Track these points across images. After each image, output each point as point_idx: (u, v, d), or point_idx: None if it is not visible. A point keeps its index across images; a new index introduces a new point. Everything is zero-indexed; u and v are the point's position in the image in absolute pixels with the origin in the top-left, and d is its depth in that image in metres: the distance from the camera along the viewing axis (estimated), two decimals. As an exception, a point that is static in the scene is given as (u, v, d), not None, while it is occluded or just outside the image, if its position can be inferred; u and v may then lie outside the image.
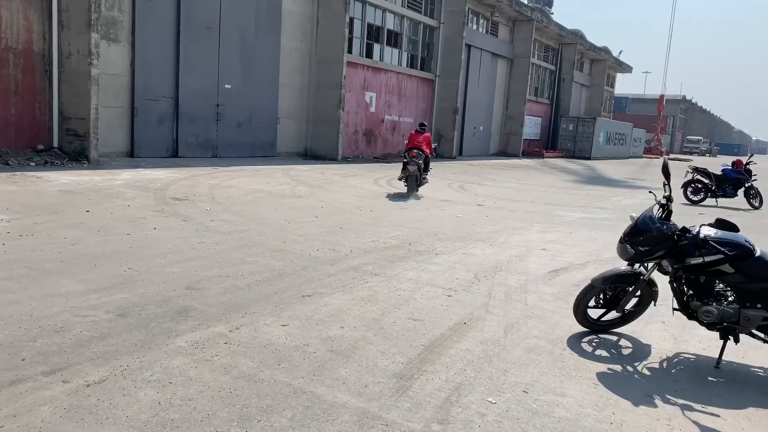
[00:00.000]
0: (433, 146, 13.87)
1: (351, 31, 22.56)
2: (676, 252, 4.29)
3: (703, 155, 75.59)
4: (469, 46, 30.20)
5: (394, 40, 25.78)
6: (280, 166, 17.44)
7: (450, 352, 4.17)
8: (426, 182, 13.46)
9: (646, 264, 4.53)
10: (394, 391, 3.51)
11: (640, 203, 13.92)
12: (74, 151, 13.67)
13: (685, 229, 4.30)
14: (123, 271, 5.53)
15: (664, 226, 4.34)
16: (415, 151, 12.98)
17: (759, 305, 4.14)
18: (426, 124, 14.39)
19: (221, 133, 18.47)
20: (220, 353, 3.87)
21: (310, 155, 21.77)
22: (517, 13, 33.99)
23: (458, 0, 27.80)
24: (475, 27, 31.62)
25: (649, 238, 4.36)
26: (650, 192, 5.05)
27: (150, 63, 15.89)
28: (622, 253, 4.57)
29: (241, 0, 18.42)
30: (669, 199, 4.50)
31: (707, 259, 4.14)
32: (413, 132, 13.76)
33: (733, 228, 4.24)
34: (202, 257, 6.29)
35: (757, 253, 4.14)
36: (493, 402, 3.45)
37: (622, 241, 4.56)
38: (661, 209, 4.50)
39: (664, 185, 4.63)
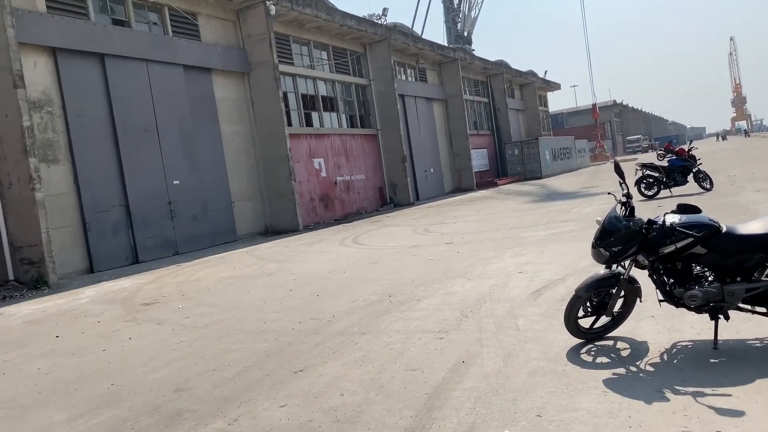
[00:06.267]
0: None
1: (287, 105, 22.93)
2: (648, 245, 4.38)
3: (646, 152, 78.23)
4: (402, 96, 31.02)
5: (330, 104, 26.31)
6: (243, 248, 17.26)
7: (455, 394, 4.09)
8: None
9: (622, 263, 4.60)
10: (410, 446, 3.41)
11: (600, 209, 14.23)
12: (32, 279, 13.25)
13: (651, 222, 4.41)
14: (106, 389, 5.30)
15: (631, 223, 4.44)
16: None
17: (738, 278, 4.23)
18: None
19: (178, 229, 18.25)
20: (224, 450, 3.72)
21: (271, 231, 21.67)
22: (441, 57, 35.26)
23: (383, 55, 28.72)
24: (404, 77, 32.58)
25: (619, 237, 4.44)
26: (609, 193, 5.19)
27: (93, 176, 15.73)
28: (598, 257, 4.63)
29: (174, 97, 18.59)
30: (628, 196, 4.63)
31: (679, 244, 4.23)
32: None
33: (696, 210, 4.37)
34: (184, 357, 6.10)
35: (724, 230, 4.26)
36: (511, 433, 3.38)
37: (594, 245, 4.63)
38: (623, 207, 4.61)
39: (621, 184, 4.77)
